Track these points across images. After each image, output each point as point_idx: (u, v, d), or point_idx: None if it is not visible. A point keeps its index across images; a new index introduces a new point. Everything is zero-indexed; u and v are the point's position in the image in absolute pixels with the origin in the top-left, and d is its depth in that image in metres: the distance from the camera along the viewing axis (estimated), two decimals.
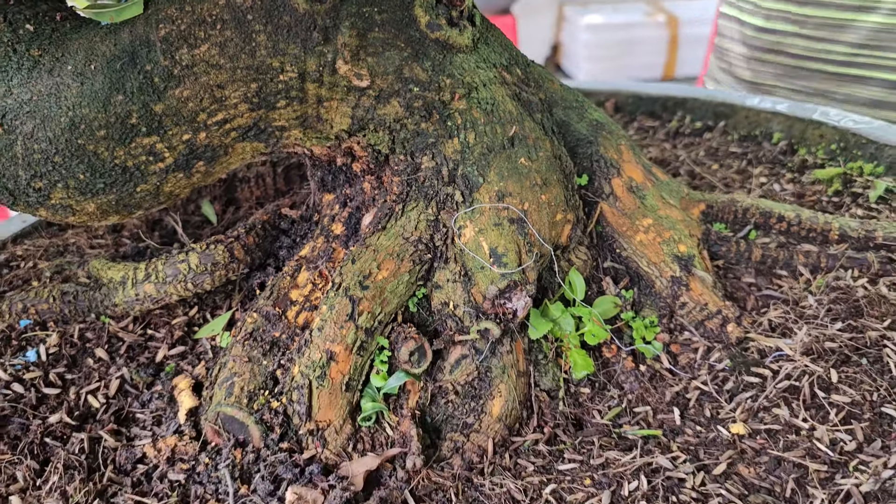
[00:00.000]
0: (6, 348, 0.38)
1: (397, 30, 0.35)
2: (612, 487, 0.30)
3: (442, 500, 0.30)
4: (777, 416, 0.32)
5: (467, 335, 0.34)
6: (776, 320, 0.37)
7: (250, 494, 0.31)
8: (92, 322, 0.40)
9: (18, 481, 0.32)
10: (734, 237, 0.43)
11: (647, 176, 0.42)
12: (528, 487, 0.31)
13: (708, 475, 0.30)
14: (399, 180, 0.37)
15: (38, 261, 0.47)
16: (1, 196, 0.36)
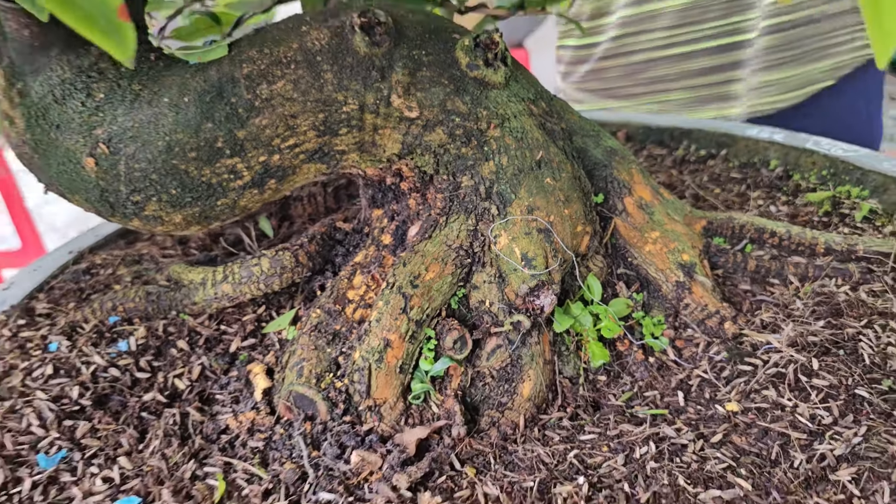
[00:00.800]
0: (100, 340, 0.44)
1: (441, 69, 0.42)
2: (625, 452, 0.35)
3: (482, 463, 0.36)
4: (766, 397, 0.38)
5: (502, 327, 0.40)
6: (767, 320, 0.43)
7: (321, 457, 0.36)
8: (173, 318, 0.46)
9: (123, 446, 0.37)
10: (732, 250, 0.49)
11: (655, 195, 0.48)
12: (554, 453, 0.36)
13: (706, 442, 0.35)
14: (442, 196, 0.43)
15: (116, 268, 0.53)
16: (102, 208, 0.42)
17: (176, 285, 0.46)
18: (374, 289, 0.43)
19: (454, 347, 0.39)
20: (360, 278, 0.43)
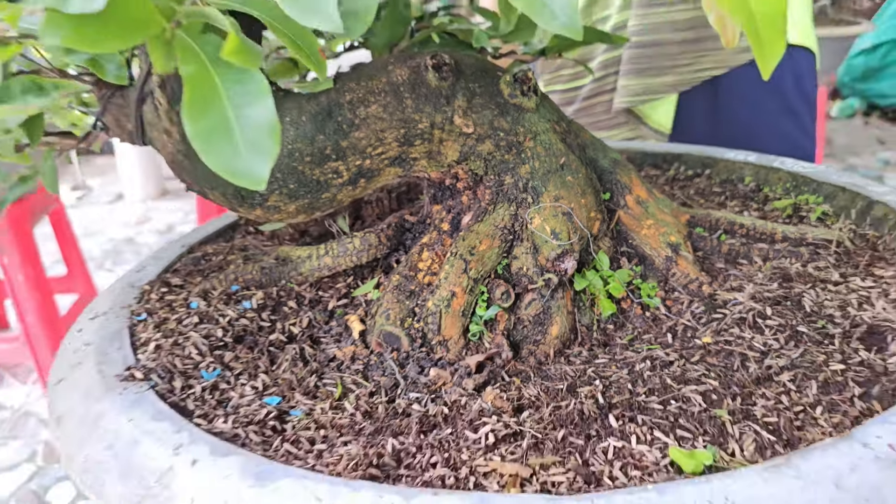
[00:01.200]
0: (229, 300, 0.58)
1: (490, 97, 0.56)
2: (628, 367, 0.48)
3: (524, 376, 0.49)
4: (731, 333, 0.51)
5: (536, 285, 0.53)
6: (734, 285, 0.56)
7: (406, 374, 0.50)
8: (282, 286, 0.59)
9: (260, 368, 0.51)
10: (709, 237, 0.62)
11: (650, 194, 0.61)
12: (576, 370, 0.49)
13: (687, 361, 0.49)
14: (489, 192, 0.56)
15: (226, 255, 0.67)
16: (234, 200, 0.56)
17: (283, 262, 0.60)
18: (437, 262, 0.56)
19: (501, 298, 0.52)
20: (426, 254, 0.57)
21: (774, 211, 0.72)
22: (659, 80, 0.97)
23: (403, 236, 0.60)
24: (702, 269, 0.58)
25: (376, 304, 0.55)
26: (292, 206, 0.55)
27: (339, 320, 0.56)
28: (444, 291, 0.52)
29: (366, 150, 0.54)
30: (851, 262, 0.59)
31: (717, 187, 0.80)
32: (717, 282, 0.57)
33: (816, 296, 0.54)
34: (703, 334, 0.51)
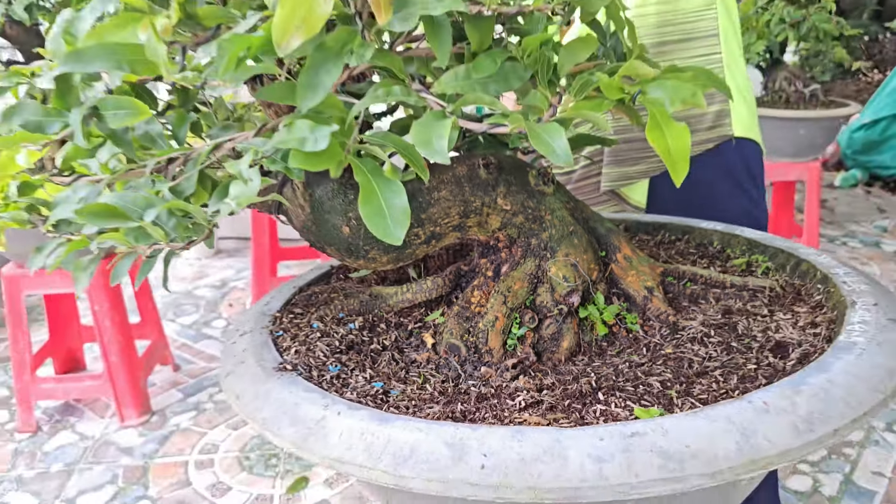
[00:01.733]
0: (339, 324, 0.82)
1: (522, 185, 0.81)
2: (614, 367, 0.72)
3: (544, 372, 0.72)
4: (686, 346, 0.74)
5: (553, 313, 0.77)
6: (692, 316, 0.80)
7: (465, 369, 0.73)
8: (374, 314, 0.83)
9: (366, 365, 0.74)
10: (677, 283, 0.86)
11: (634, 253, 0.85)
12: (579, 369, 0.72)
13: (654, 364, 0.71)
14: (521, 250, 0.80)
15: (329, 294, 0.91)
16: (345, 253, 0.80)
17: (375, 297, 0.84)
18: (485, 297, 0.80)
19: (528, 322, 0.76)
20: (477, 293, 0.81)
21: (733, 266, 0.95)
22: (633, 169, 1.22)
23: (460, 280, 0.85)
24: (670, 305, 0.81)
25: (443, 325, 0.79)
26: (385, 258, 0.80)
27: (417, 337, 0.80)
28: (490, 316, 0.76)
29: (437, 220, 0.78)
30: (778, 302, 0.82)
31: (692, 249, 1.03)
32: (680, 314, 0.80)
33: (748, 323, 0.77)
34: (666, 347, 0.74)
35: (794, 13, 2.94)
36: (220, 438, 2.11)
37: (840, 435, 0.58)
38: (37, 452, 2.09)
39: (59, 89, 0.65)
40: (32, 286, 2.07)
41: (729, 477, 0.54)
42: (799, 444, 0.56)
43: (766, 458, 0.54)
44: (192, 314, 3.00)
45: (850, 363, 0.64)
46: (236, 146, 0.64)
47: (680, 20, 1.23)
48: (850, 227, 3.91)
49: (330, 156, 0.56)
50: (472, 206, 0.78)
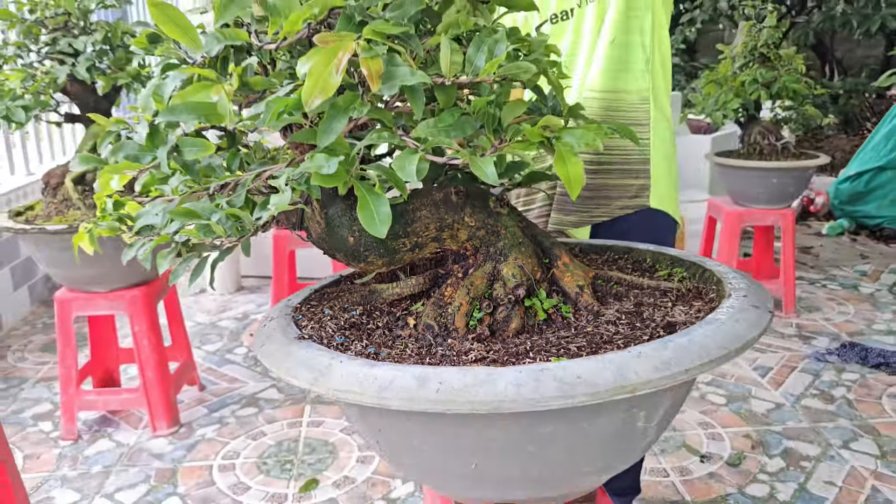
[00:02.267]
0: (344, 311, 1.07)
1: (483, 207, 1.06)
2: (547, 340, 0.96)
3: (494, 342, 0.97)
4: (602, 326, 0.98)
5: (504, 302, 1.01)
6: (611, 307, 1.04)
7: (437, 341, 0.97)
8: (372, 304, 1.08)
9: (363, 338, 0.99)
10: (605, 285, 1.10)
11: (571, 261, 1.10)
12: (521, 341, 0.97)
13: (577, 337, 0.96)
14: (482, 255, 1.05)
15: (337, 292, 1.16)
16: (350, 258, 1.06)
17: (372, 292, 1.10)
18: (454, 292, 1.05)
19: (486, 308, 1.01)
20: (449, 289, 1.06)
21: (658, 276, 1.20)
22: (567, 218, 1.50)
23: (438, 280, 1.10)
24: (597, 299, 1.06)
25: (423, 312, 1.04)
26: (380, 261, 1.05)
27: (403, 320, 1.04)
28: (456, 304, 1.00)
29: (419, 233, 1.04)
30: (682, 299, 1.06)
31: (629, 264, 1.28)
32: (603, 306, 1.05)
33: (652, 312, 1.01)
34: (587, 327, 0.99)
35: (767, 74, 3.23)
36: (241, 447, 2.34)
37: (690, 374, 0.82)
38: (78, 457, 2.32)
39: (151, 133, 0.92)
40: (81, 308, 2.34)
41: (605, 397, 0.78)
42: (657, 377, 0.80)
43: (632, 385, 0.78)
44: (216, 342, 3.25)
45: (709, 331, 0.88)
46: (273, 174, 0.91)
47: (619, 107, 1.52)
48: (831, 272, 4.12)
49: (338, 177, 0.82)
50: (445, 223, 1.04)
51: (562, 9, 1.58)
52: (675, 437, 2.34)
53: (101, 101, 2.51)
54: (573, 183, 0.83)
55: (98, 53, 2.33)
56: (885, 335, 3.17)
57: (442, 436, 0.88)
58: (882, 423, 2.42)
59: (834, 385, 2.70)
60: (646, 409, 0.91)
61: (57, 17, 2.39)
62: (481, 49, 0.87)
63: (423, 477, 1.03)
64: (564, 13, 1.57)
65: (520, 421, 0.84)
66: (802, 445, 2.28)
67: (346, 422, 2.48)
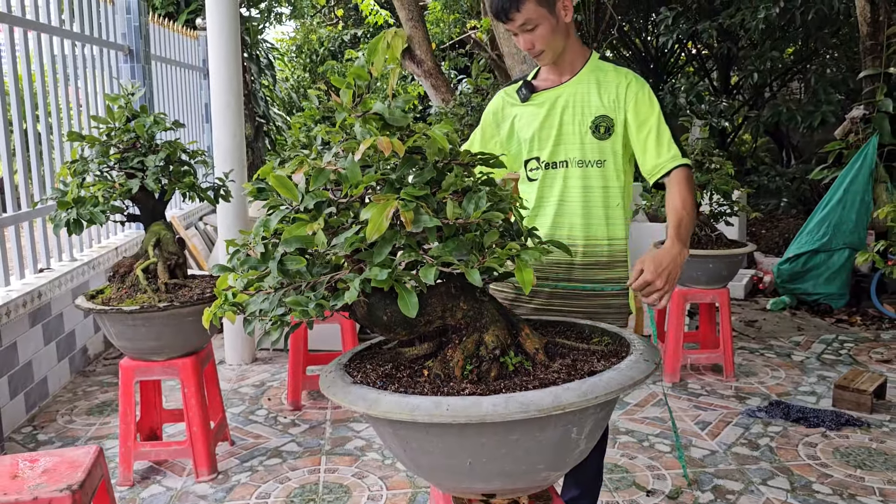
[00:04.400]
0: (378, 367, 1.57)
1: (472, 297, 1.57)
2: (512, 381, 1.47)
3: (481, 384, 1.47)
4: (550, 373, 1.48)
5: (486, 358, 1.52)
6: (556, 361, 1.54)
7: (442, 382, 1.47)
8: (397, 362, 1.59)
9: (396, 381, 1.49)
10: (554, 348, 1.61)
11: (530, 332, 1.61)
12: (497, 382, 1.47)
13: (532, 380, 1.46)
14: (472, 329, 1.56)
15: (374, 353, 1.66)
16: (384, 330, 1.56)
17: (398, 354, 1.60)
18: (454, 352, 1.56)
19: (474, 363, 1.51)
20: (450, 351, 1.56)
21: (592, 342, 1.71)
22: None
23: (441, 345, 1.60)
24: (547, 357, 1.57)
25: (433, 366, 1.54)
26: (404, 332, 1.56)
27: (419, 372, 1.54)
28: (455, 360, 1.51)
29: (430, 313, 1.54)
30: (604, 357, 1.58)
31: (573, 335, 1.79)
32: (552, 361, 1.55)
33: (583, 365, 1.52)
34: (541, 374, 1.49)
35: (701, 177, 3.84)
36: (271, 489, 2.77)
37: (599, 399, 1.32)
38: (136, 499, 2.74)
39: (264, 253, 1.44)
40: (142, 374, 2.80)
41: (547, 412, 1.28)
42: (578, 400, 1.30)
43: (563, 405, 1.29)
44: (239, 406, 3.69)
45: (614, 374, 1.39)
46: (342, 277, 1.43)
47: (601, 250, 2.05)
48: (770, 342, 4.66)
49: (387, 281, 1.33)
50: (447, 307, 1.55)
51: (553, 160, 1.99)
52: (627, 478, 2.80)
53: (157, 204, 3.04)
54: (525, 284, 1.36)
55: (162, 168, 2.87)
56: (808, 395, 3.67)
57: (449, 442, 1.37)
58: (796, 465, 2.90)
59: (760, 436, 3.18)
60: (577, 426, 1.41)
61: (127, 140, 2.94)
62: (471, 203, 1.41)
63: (433, 475, 1.51)
64: (556, 163, 1.99)
65: (497, 430, 1.33)
66: (729, 483, 2.75)
67: (359, 469, 2.92)
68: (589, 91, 1.93)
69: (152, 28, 5.95)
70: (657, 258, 1.72)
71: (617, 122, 1.92)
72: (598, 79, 1.93)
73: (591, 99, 1.92)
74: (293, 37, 13.20)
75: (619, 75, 1.94)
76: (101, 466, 1.88)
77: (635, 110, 1.90)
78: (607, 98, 1.91)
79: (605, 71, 1.94)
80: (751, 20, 8.18)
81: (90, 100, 4.92)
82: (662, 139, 1.89)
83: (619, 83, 1.92)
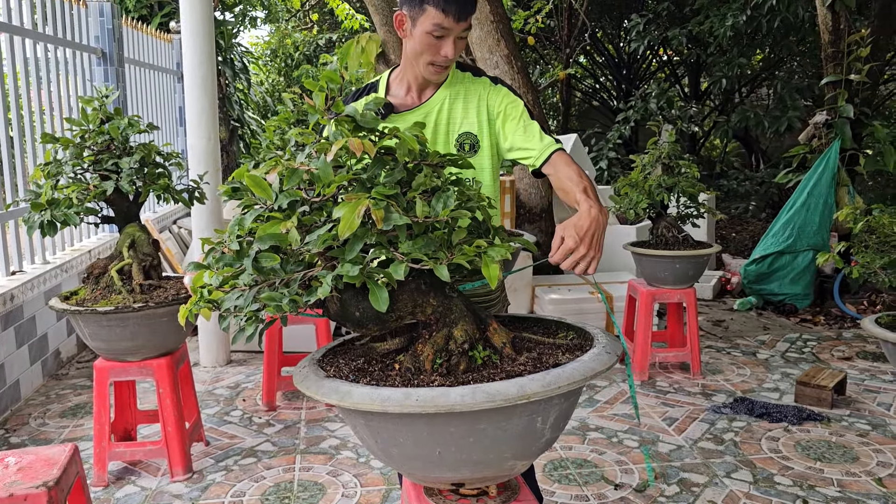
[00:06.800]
0: (351, 361, 1.62)
1: (441, 292, 1.63)
2: (480, 374, 1.52)
3: (450, 377, 1.52)
4: (516, 365, 1.54)
5: (456, 352, 1.57)
6: (523, 354, 1.60)
7: (413, 375, 1.52)
8: (369, 356, 1.63)
9: (367, 373, 1.54)
10: (521, 342, 1.67)
11: (498, 327, 1.66)
12: (465, 375, 1.52)
13: (500, 372, 1.52)
14: (441, 323, 1.61)
15: (346, 349, 1.70)
16: (356, 326, 1.61)
17: (370, 349, 1.64)
18: (424, 346, 1.61)
19: (443, 356, 1.56)
20: (420, 346, 1.61)
21: (557, 336, 1.77)
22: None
23: (412, 339, 1.65)
24: (514, 350, 1.62)
25: (404, 360, 1.58)
26: (375, 328, 1.60)
27: (391, 366, 1.59)
28: (425, 354, 1.56)
29: (401, 309, 1.59)
30: (568, 350, 1.63)
31: (540, 329, 1.85)
32: (518, 355, 1.61)
33: (548, 357, 1.58)
34: (508, 367, 1.54)
35: (668, 180, 3.93)
36: (246, 488, 2.80)
37: (562, 389, 1.38)
38: (110, 499, 2.75)
39: (238, 251, 1.47)
40: (116, 374, 2.81)
41: (513, 402, 1.33)
42: (542, 390, 1.36)
43: (527, 395, 1.34)
44: (214, 407, 3.70)
45: (577, 365, 1.45)
46: (315, 274, 1.47)
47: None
48: (736, 341, 4.77)
49: (359, 277, 1.38)
50: (417, 302, 1.60)
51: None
52: (596, 472, 2.87)
53: (131, 206, 3.05)
54: (492, 279, 1.42)
55: (137, 171, 2.89)
56: (772, 392, 3.78)
57: (418, 432, 1.42)
58: (758, 458, 2.99)
59: (725, 431, 3.27)
60: (541, 416, 1.47)
61: (101, 142, 2.95)
62: (440, 201, 1.46)
63: (404, 464, 1.55)
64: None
65: (465, 419, 1.38)
66: (694, 476, 2.83)
67: (333, 467, 2.96)
68: (451, 108, 1.87)
69: (126, 31, 5.93)
70: (578, 223, 1.59)
71: (482, 137, 1.88)
72: (459, 93, 1.88)
73: (454, 116, 1.88)
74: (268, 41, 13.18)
75: (478, 86, 1.88)
76: (77, 464, 1.90)
77: (502, 111, 1.85)
78: (472, 113, 1.88)
79: (465, 83, 1.89)
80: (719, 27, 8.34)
81: (63, 103, 4.90)
82: (533, 131, 1.84)
83: (479, 94, 1.87)
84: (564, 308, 4.58)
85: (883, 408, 3.47)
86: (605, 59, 11.61)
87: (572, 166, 1.88)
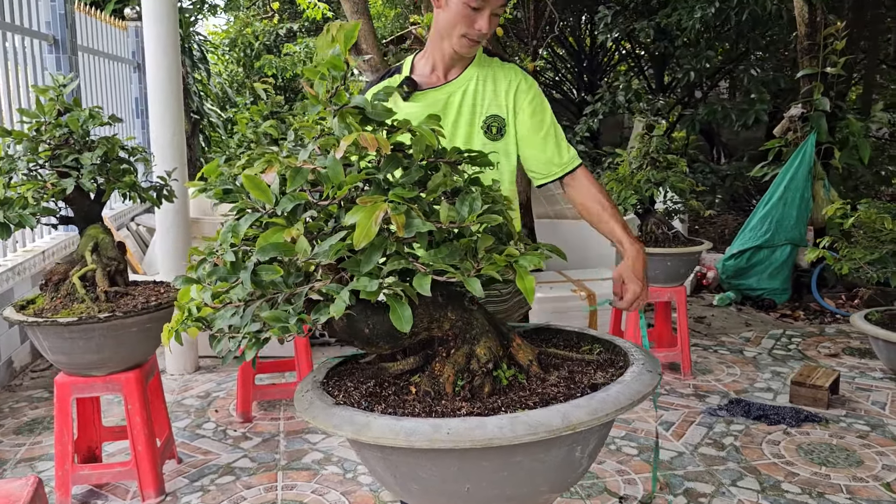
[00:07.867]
0: (360, 384, 1.44)
1: (460, 306, 1.45)
2: (508, 396, 1.36)
3: (475, 402, 1.35)
4: (546, 386, 1.38)
5: (478, 373, 1.40)
6: (552, 374, 1.44)
7: (432, 399, 1.35)
8: (380, 378, 1.46)
9: (382, 398, 1.36)
10: (547, 358, 1.51)
11: (522, 342, 1.50)
12: (494, 400, 1.36)
13: (529, 393, 1.36)
14: (461, 339, 1.44)
15: (352, 367, 1.53)
16: (365, 344, 1.43)
17: (381, 369, 1.47)
18: (442, 366, 1.44)
19: (465, 378, 1.39)
20: (438, 365, 1.44)
21: (582, 350, 1.62)
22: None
23: (428, 358, 1.48)
24: (541, 369, 1.46)
25: (420, 382, 1.41)
26: (386, 346, 1.43)
27: (406, 389, 1.42)
28: (445, 375, 1.39)
29: (416, 325, 1.42)
30: (599, 367, 1.48)
31: (562, 342, 1.70)
32: (546, 373, 1.45)
33: (580, 377, 1.42)
34: (537, 389, 1.38)
35: (657, 176, 3.82)
36: None
37: (610, 416, 1.22)
38: None
39: (235, 263, 1.28)
40: (80, 390, 2.58)
41: (557, 433, 1.17)
42: (589, 419, 1.20)
43: (574, 425, 1.18)
44: (184, 419, 3.47)
45: (621, 388, 1.29)
46: (322, 288, 1.29)
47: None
48: (721, 338, 4.70)
49: (377, 293, 1.20)
50: (434, 317, 1.43)
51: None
52: (598, 484, 2.74)
53: (93, 205, 2.81)
54: (528, 292, 1.25)
55: (99, 167, 2.65)
56: (765, 392, 3.70)
57: (446, 467, 1.25)
58: (762, 464, 2.89)
59: (724, 435, 3.17)
60: (581, 444, 1.31)
61: (59, 136, 2.70)
62: (465, 204, 1.29)
63: (424, 500, 1.39)
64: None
65: (500, 453, 1.22)
66: (700, 485, 2.72)
67: (319, 484, 2.77)
68: (478, 89, 1.80)
69: (78, 17, 5.60)
70: (636, 269, 1.75)
71: (509, 123, 1.82)
72: (488, 75, 1.81)
73: (482, 98, 1.81)
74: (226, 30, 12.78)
75: (509, 72, 1.82)
76: (41, 499, 1.68)
77: (531, 110, 1.80)
78: (501, 96, 1.81)
79: (493, 67, 1.82)
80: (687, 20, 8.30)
81: (13, 94, 4.58)
82: (561, 139, 1.84)
83: (510, 80, 1.81)
84: (547, 307, 4.45)
85: (878, 407, 3.41)
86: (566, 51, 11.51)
87: (599, 186, 1.87)
